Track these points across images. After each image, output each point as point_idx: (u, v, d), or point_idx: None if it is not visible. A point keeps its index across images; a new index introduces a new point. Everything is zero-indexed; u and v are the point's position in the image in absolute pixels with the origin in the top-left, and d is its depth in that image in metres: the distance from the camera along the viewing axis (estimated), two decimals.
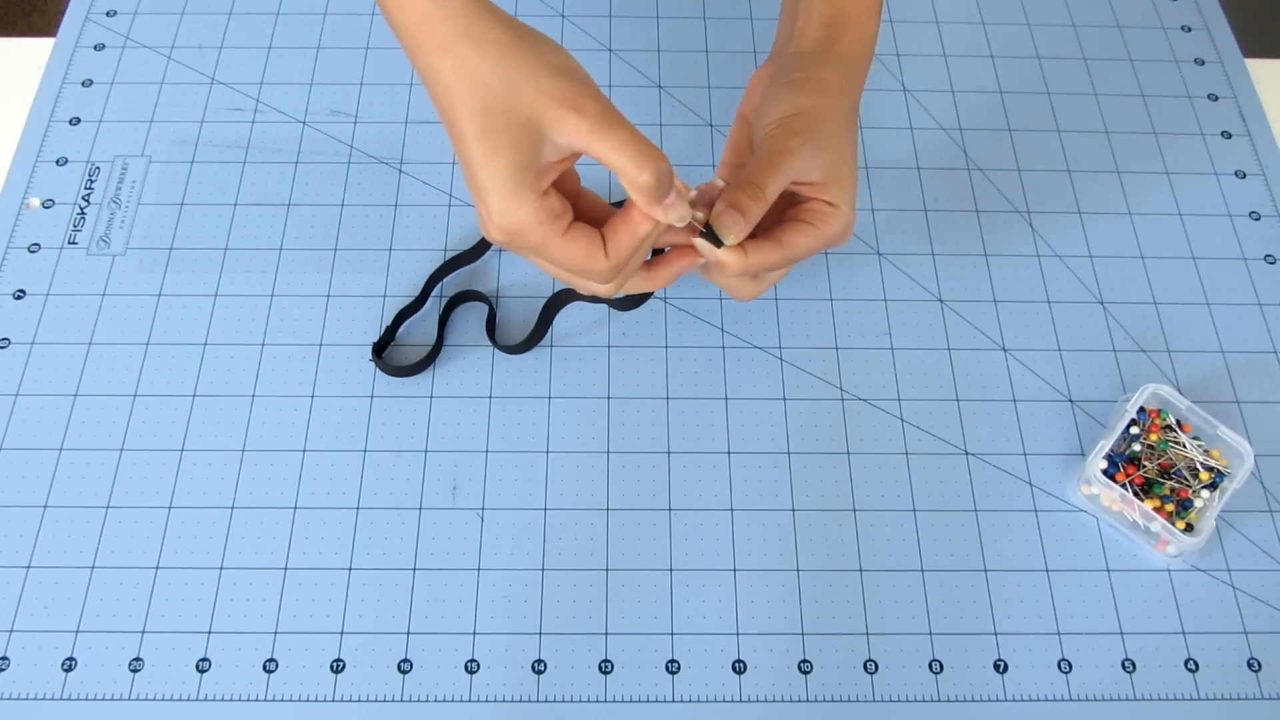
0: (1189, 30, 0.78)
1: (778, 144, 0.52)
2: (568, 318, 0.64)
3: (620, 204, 0.49)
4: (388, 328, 0.62)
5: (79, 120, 0.71)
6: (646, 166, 0.45)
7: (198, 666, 0.54)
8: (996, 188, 0.70)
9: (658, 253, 0.54)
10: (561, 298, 0.63)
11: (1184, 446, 0.59)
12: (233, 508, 0.58)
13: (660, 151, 0.46)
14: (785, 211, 0.55)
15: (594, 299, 0.63)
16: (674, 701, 0.54)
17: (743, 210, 0.51)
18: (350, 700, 0.53)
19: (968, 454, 0.61)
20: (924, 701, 0.54)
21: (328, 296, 0.64)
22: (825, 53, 0.55)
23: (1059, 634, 0.56)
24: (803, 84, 0.54)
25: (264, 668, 0.54)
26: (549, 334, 0.63)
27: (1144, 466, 0.58)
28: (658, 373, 0.63)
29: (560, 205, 0.46)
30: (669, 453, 0.60)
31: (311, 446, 0.60)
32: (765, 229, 0.53)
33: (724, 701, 0.54)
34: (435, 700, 0.53)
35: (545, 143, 0.45)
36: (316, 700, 0.53)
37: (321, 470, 0.59)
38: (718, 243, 0.51)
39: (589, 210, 0.50)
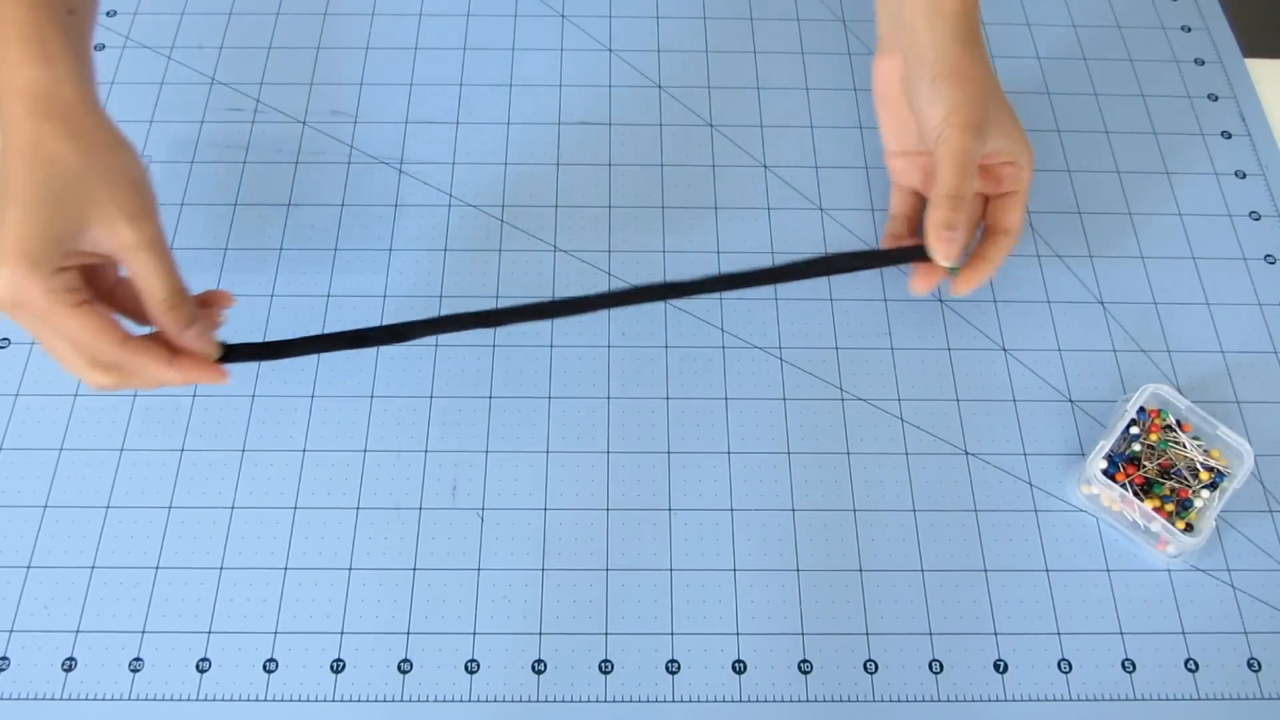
0: (1189, 30, 0.78)
1: (955, 145, 0.54)
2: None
3: None
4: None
5: None
6: (175, 306, 0.47)
7: (198, 666, 0.54)
8: None
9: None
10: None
11: (1184, 446, 0.58)
12: (233, 508, 0.58)
13: (186, 294, 0.48)
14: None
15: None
16: (674, 701, 0.54)
17: (956, 227, 0.55)
18: (350, 700, 0.53)
19: (968, 454, 0.61)
20: (924, 701, 0.54)
21: (328, 296, 0.64)
22: (944, 39, 0.56)
23: (1059, 634, 0.56)
24: (944, 77, 0.55)
25: (264, 668, 0.54)
26: (549, 334, 0.63)
27: (1144, 467, 0.58)
28: (658, 373, 0.63)
29: (77, 281, 0.46)
30: (669, 453, 0.60)
31: (311, 446, 0.60)
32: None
33: (724, 701, 0.54)
34: (435, 700, 0.53)
35: (86, 234, 0.45)
36: (316, 700, 0.53)
37: (321, 470, 0.59)
38: (943, 267, 0.56)
39: (125, 303, 0.50)
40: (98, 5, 0.52)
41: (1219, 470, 0.58)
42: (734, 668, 0.55)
